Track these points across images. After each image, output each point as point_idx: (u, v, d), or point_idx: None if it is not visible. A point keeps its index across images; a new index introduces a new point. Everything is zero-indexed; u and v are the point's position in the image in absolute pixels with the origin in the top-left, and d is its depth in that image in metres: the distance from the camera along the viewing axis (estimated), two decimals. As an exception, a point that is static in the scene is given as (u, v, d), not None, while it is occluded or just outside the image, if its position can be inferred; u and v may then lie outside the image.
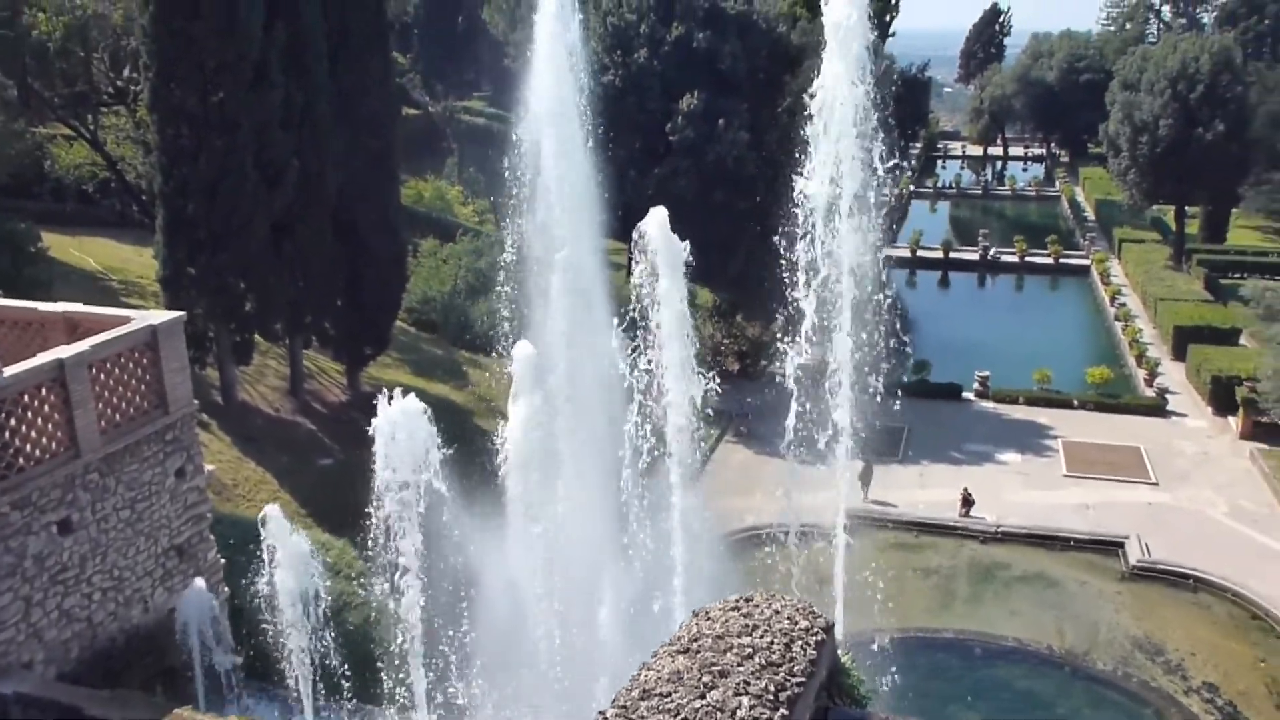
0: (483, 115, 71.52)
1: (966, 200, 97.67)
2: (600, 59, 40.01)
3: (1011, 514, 33.21)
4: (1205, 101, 57.57)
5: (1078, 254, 70.69)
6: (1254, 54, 76.93)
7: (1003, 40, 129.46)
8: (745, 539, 30.70)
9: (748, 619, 7.85)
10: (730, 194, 39.21)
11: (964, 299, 67.88)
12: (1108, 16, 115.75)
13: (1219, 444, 38.84)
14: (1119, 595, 29.33)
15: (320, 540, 24.02)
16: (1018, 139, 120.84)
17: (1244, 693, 25.08)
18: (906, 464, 37.00)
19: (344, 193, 32.55)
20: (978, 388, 43.67)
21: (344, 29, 31.97)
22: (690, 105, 38.98)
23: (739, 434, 38.47)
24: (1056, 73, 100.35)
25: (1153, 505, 33.93)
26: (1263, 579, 29.11)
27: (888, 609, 26.93)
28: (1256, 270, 59.32)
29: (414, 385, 34.28)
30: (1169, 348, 48.12)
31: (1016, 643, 27.39)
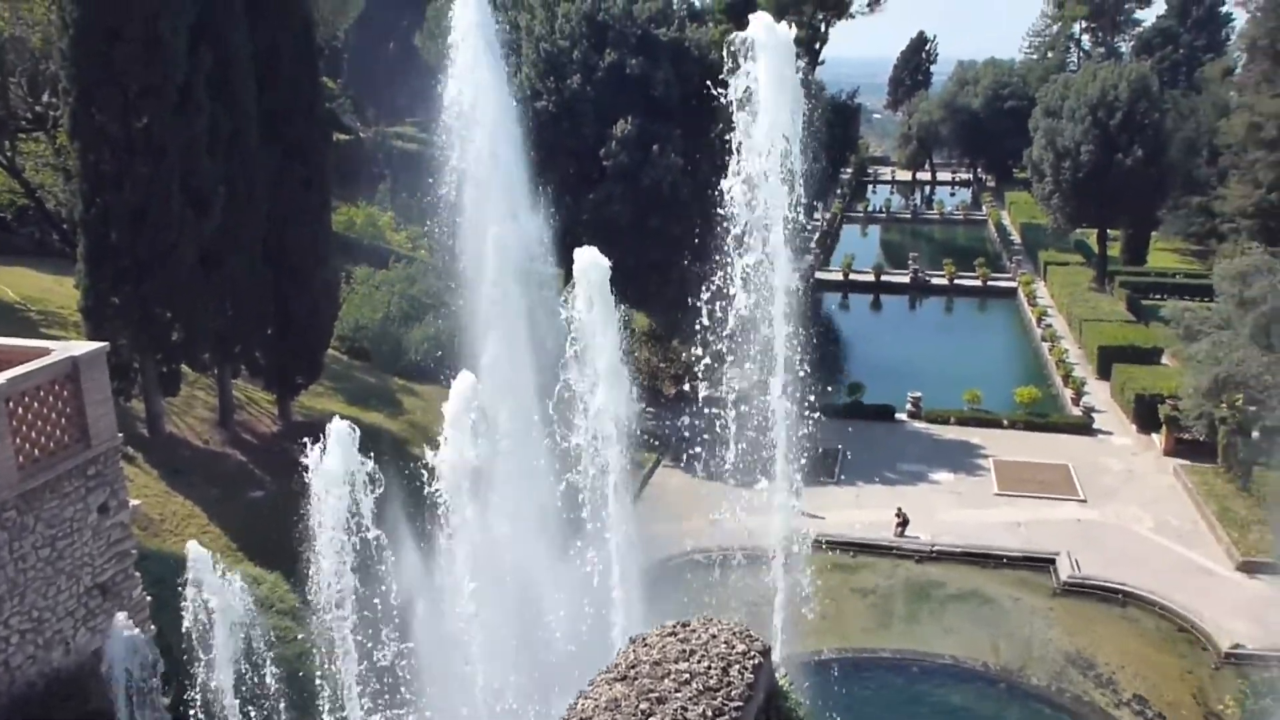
0: (415, 141, 71.07)
1: (896, 224, 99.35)
2: (533, 85, 40.06)
3: (946, 533, 33.62)
4: (1124, 128, 59.36)
5: (1005, 276, 72.17)
6: (1169, 82, 79.55)
7: (929, 68, 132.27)
8: (685, 563, 30.66)
9: (685, 644, 7.80)
10: (665, 218, 39.40)
11: (895, 321, 68.88)
12: (1030, 45, 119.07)
13: (1144, 461, 39.77)
14: (1051, 611, 29.80)
15: (252, 574, 23.49)
16: (945, 164, 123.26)
17: (1172, 704, 25.60)
18: (842, 485, 37.33)
19: (274, 219, 32.04)
20: (910, 408, 44.25)
21: (272, 52, 31.57)
22: (624, 130, 39.14)
23: (677, 458, 38.50)
24: (981, 100, 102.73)
25: (1082, 522, 34.58)
26: (1188, 592, 29.80)
27: (826, 630, 27.13)
28: (1176, 291, 61.05)
29: (348, 414, 33.70)
30: (1094, 367, 49.25)
31: (953, 660, 27.71)
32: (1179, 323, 39.34)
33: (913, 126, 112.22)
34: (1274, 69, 60.54)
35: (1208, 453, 37.87)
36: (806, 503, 34.35)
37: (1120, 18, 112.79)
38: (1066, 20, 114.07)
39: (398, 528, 18.57)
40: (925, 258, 75.40)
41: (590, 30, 40.39)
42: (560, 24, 40.58)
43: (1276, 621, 27.79)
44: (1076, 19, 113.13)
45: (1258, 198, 58.84)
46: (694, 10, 50.24)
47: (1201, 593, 29.82)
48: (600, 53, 40.08)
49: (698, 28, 44.39)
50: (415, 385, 40.11)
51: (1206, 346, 35.76)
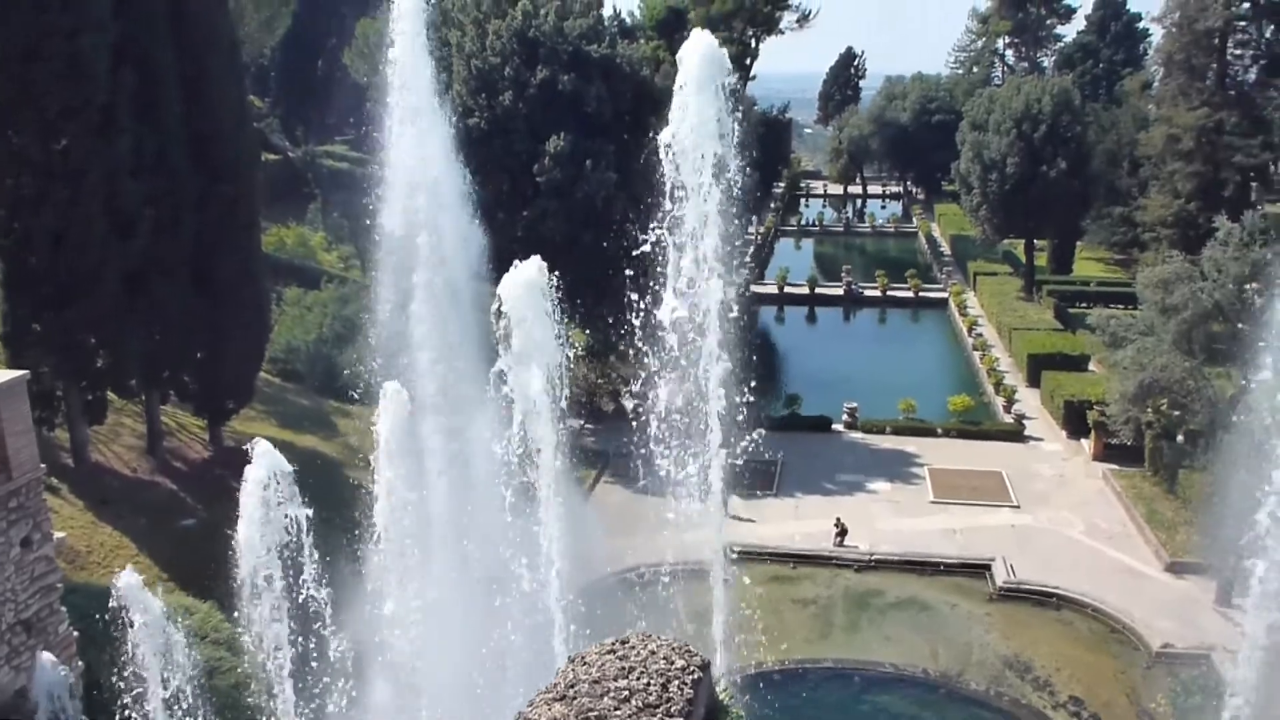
0: (346, 160, 70.37)
1: (829, 237, 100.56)
2: (464, 102, 39.87)
3: (884, 542, 33.97)
4: (1048, 141, 60.76)
5: (936, 287, 73.35)
6: (1090, 95, 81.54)
7: (858, 83, 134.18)
8: (626, 579, 30.57)
9: (624, 661, 7.75)
10: (600, 234, 39.39)
11: (830, 333, 69.63)
12: (956, 60, 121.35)
13: (1074, 466, 40.59)
14: (988, 616, 30.24)
15: (184, 604, 22.93)
16: (876, 177, 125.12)
17: (1107, 704, 26.09)
18: (781, 497, 37.55)
19: (201, 241, 31.44)
20: (847, 419, 44.68)
21: (198, 72, 31.03)
22: (557, 147, 39.11)
23: (617, 473, 38.42)
24: (910, 114, 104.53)
25: (1016, 527, 35.18)
26: (1119, 594, 30.44)
27: (768, 641, 27.19)
28: (1101, 299, 62.57)
29: (281, 438, 33.22)
30: (1024, 375, 50.19)
31: (893, 668, 27.96)
32: (1104, 330, 40.16)
33: (843, 141, 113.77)
34: (1189, 83, 62.43)
35: (1135, 457, 38.75)
36: (746, 515, 34.79)
37: (1042, 33, 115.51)
38: (991, 36, 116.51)
39: (334, 554, 18.25)
40: (858, 270, 76.38)
41: (521, 47, 40.34)
42: (491, 41, 40.48)
43: (1204, 620, 28.48)
44: (1000, 34, 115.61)
45: (1177, 207, 60.54)
46: (625, 27, 50.46)
47: (1132, 594, 30.47)
48: (532, 69, 40.05)
49: (629, 44, 44.58)
50: (350, 407, 39.55)
51: (1131, 353, 36.54)
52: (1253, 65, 63.39)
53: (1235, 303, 33.00)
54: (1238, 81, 63.21)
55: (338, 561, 18.29)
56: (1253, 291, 31.95)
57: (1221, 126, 59.71)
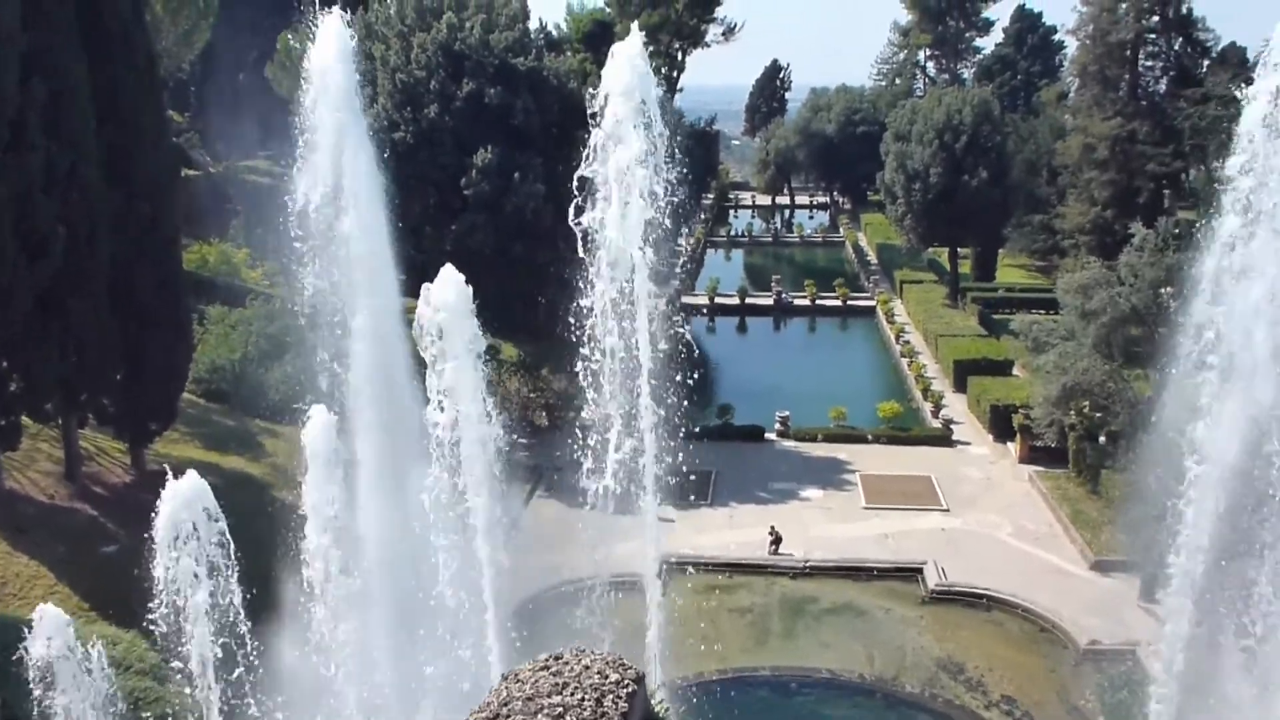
0: (269, 175, 69.11)
1: (759, 247, 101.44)
2: (390, 116, 39.55)
3: (818, 548, 34.21)
4: (969, 151, 62.04)
5: (864, 296, 74.32)
6: (1009, 106, 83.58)
7: (784, 95, 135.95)
8: (561, 594, 30.28)
9: (558, 677, 7.65)
10: (529, 246, 39.33)
11: (761, 343, 70.15)
12: (879, 72, 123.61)
13: (1001, 469, 41.34)
14: (921, 619, 30.59)
15: (107, 634, 22.24)
16: (803, 188, 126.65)
17: (1039, 702, 26.53)
18: (716, 507, 37.62)
19: (119, 260, 30.57)
20: (779, 428, 44.99)
21: (112, 86, 30.23)
22: (485, 160, 38.97)
23: (550, 488, 38.19)
24: (835, 125, 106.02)
25: (946, 531, 35.68)
26: (1048, 594, 31.00)
27: (705, 651, 27.20)
28: (1023, 305, 63.88)
29: (206, 460, 32.49)
30: (951, 381, 51.00)
31: (830, 674, 28.10)
32: (1027, 335, 41.02)
33: (770, 152, 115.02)
34: (1103, 94, 64.33)
35: (1059, 459, 39.55)
36: (681, 526, 34.76)
37: (962, 46, 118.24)
38: (912, 48, 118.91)
39: (262, 575, 17.85)
40: (787, 280, 77.09)
41: (447, 60, 40.16)
42: (416, 54, 40.23)
43: (1129, 617, 29.13)
44: (921, 47, 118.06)
45: (1094, 214, 62.30)
46: (551, 39, 50.57)
47: (1060, 593, 31.06)
48: (458, 82, 39.89)
49: (555, 57, 44.62)
50: (277, 427, 38.77)
51: (1054, 357, 37.37)
52: (1163, 76, 65.59)
53: (1151, 307, 33.93)
54: (1149, 92, 65.32)
55: (266, 584, 17.87)
56: (1168, 295, 32.87)
57: (1135, 136, 61.56)
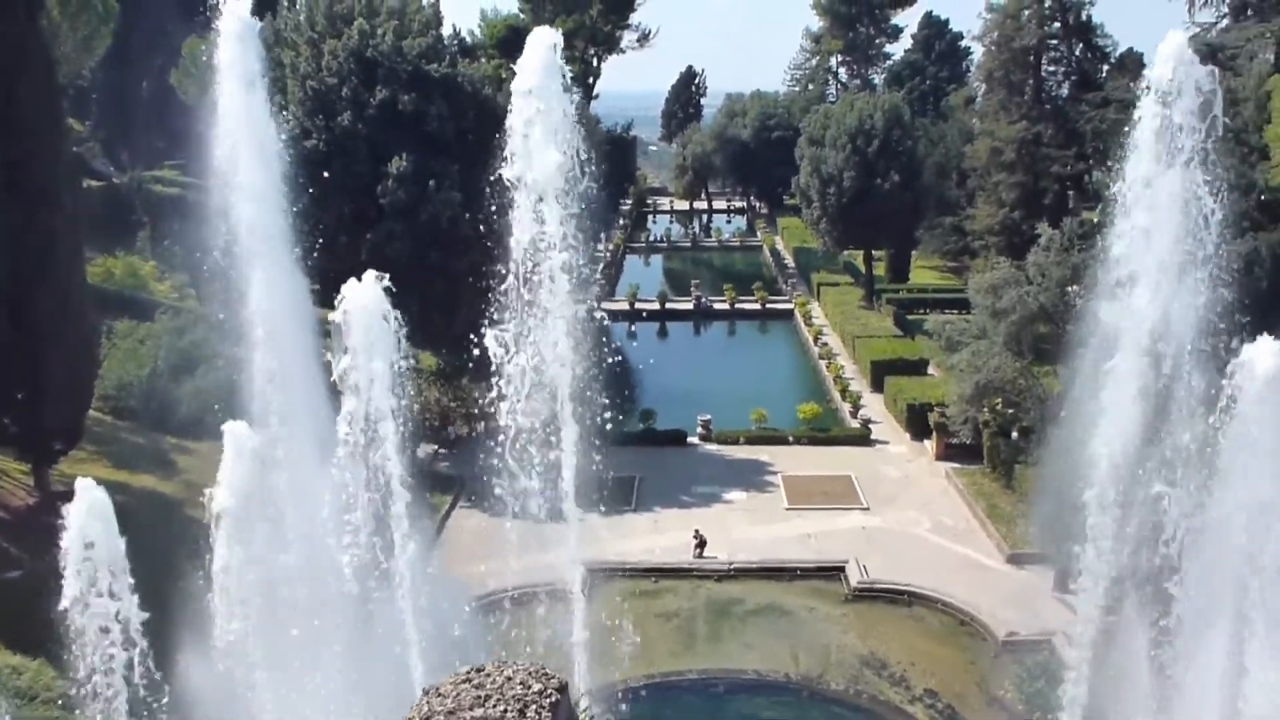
0: (176, 185, 67.39)
1: (678, 253, 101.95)
2: (301, 123, 38.80)
3: (742, 550, 34.42)
4: (881, 155, 63.16)
5: (782, 299, 75.13)
6: (919, 111, 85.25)
7: (700, 100, 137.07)
8: (486, 605, 29.99)
9: (480, 689, 7.55)
10: (446, 255, 38.88)
11: (682, 347, 70.46)
12: (792, 78, 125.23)
13: (918, 467, 42.08)
14: (844, 617, 30.96)
15: (11, 664, 21.41)
16: (720, 193, 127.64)
17: (960, 695, 27.04)
18: (640, 512, 37.62)
19: (18, 275, 29.51)
20: (701, 431, 45.21)
21: (8, 95, 29.20)
22: (399, 167, 38.44)
23: (473, 498, 37.81)
24: (750, 130, 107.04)
25: (866, 529, 36.18)
26: (966, 588, 31.62)
27: (632, 657, 27.14)
28: (937, 306, 65.20)
29: (114, 479, 31.45)
30: (868, 381, 51.77)
31: (756, 674, 28.29)
32: (940, 335, 41.87)
33: (687, 157, 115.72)
34: (1009, 98, 65.99)
35: (974, 455, 40.38)
36: (606, 532, 34.63)
37: (872, 52, 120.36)
38: (824, 54, 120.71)
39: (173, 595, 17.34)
40: (706, 284, 77.62)
41: (359, 67, 39.53)
42: (327, 61, 39.53)
43: (1044, 608, 29.84)
44: (833, 53, 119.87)
45: (1002, 216, 63.83)
46: (465, 46, 50.20)
47: (977, 587, 31.70)
48: (371, 89, 39.29)
49: (470, 63, 44.28)
50: (190, 443, 37.77)
51: (966, 356, 38.20)
52: (1065, 81, 67.51)
53: (1059, 305, 34.90)
54: (1052, 97, 67.16)
55: (176, 604, 17.35)
56: (1074, 293, 33.82)
57: (1040, 139, 63.26)
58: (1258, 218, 36.22)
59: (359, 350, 16.66)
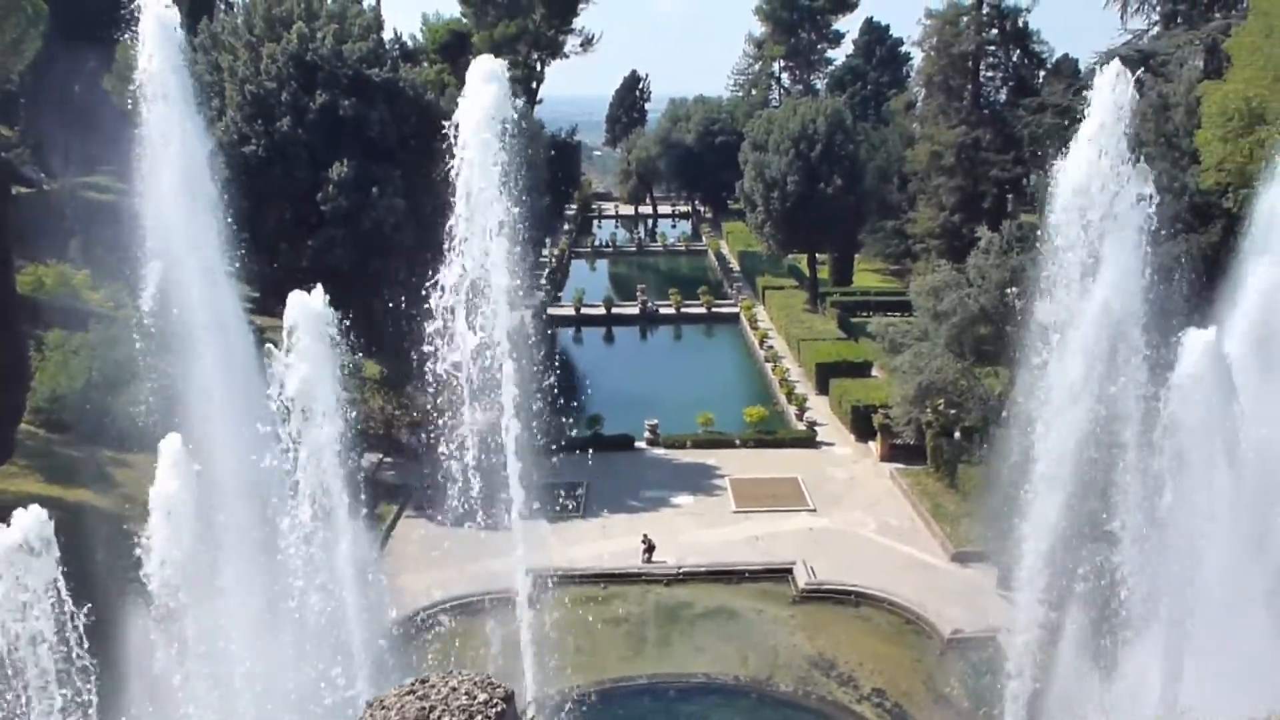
0: (110, 191, 65.91)
1: (623, 257, 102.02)
2: (240, 128, 38.23)
3: (690, 554, 34.45)
4: (824, 159, 63.69)
5: (727, 303, 75.45)
6: (861, 116, 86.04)
7: (644, 105, 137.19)
8: (433, 615, 29.74)
9: (424, 701, 7.44)
10: (389, 261, 38.53)
11: (628, 352, 70.47)
12: (735, 83, 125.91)
13: (863, 468, 42.46)
14: (792, 618, 31.11)
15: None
16: (665, 198, 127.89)
17: (907, 693, 27.29)
18: (589, 517, 37.54)
19: (-56, 284, 28.75)
20: (649, 436, 45.20)
21: (-68, 100, 28.45)
22: (340, 173, 38.02)
23: (419, 507, 37.45)
24: (694, 135, 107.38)
25: (813, 530, 36.41)
26: (912, 587, 31.94)
27: (582, 664, 27.07)
28: (880, 308, 65.84)
29: (48, 494, 30.73)
30: (813, 383, 52.18)
31: (706, 678, 28.33)
32: (884, 337, 42.26)
33: (632, 162, 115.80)
34: (948, 103, 66.92)
35: (918, 455, 40.88)
36: (554, 539, 34.51)
37: (814, 57, 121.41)
38: (766, 59, 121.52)
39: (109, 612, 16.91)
40: (653, 289, 77.69)
41: (299, 71, 39.05)
42: (266, 65, 39.00)
43: (988, 605, 30.21)
44: (775, 58, 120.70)
45: (942, 219, 64.68)
46: (407, 50, 49.80)
47: (923, 586, 32.03)
48: (311, 94, 38.83)
49: (412, 68, 43.95)
50: (127, 456, 36.96)
51: (909, 358, 38.60)
52: (1003, 86, 68.63)
53: (999, 306, 35.41)
54: (990, 102, 68.22)
55: (113, 620, 16.93)
56: (1013, 295, 34.34)
57: (979, 143, 64.20)
58: (1189, 219, 37.07)
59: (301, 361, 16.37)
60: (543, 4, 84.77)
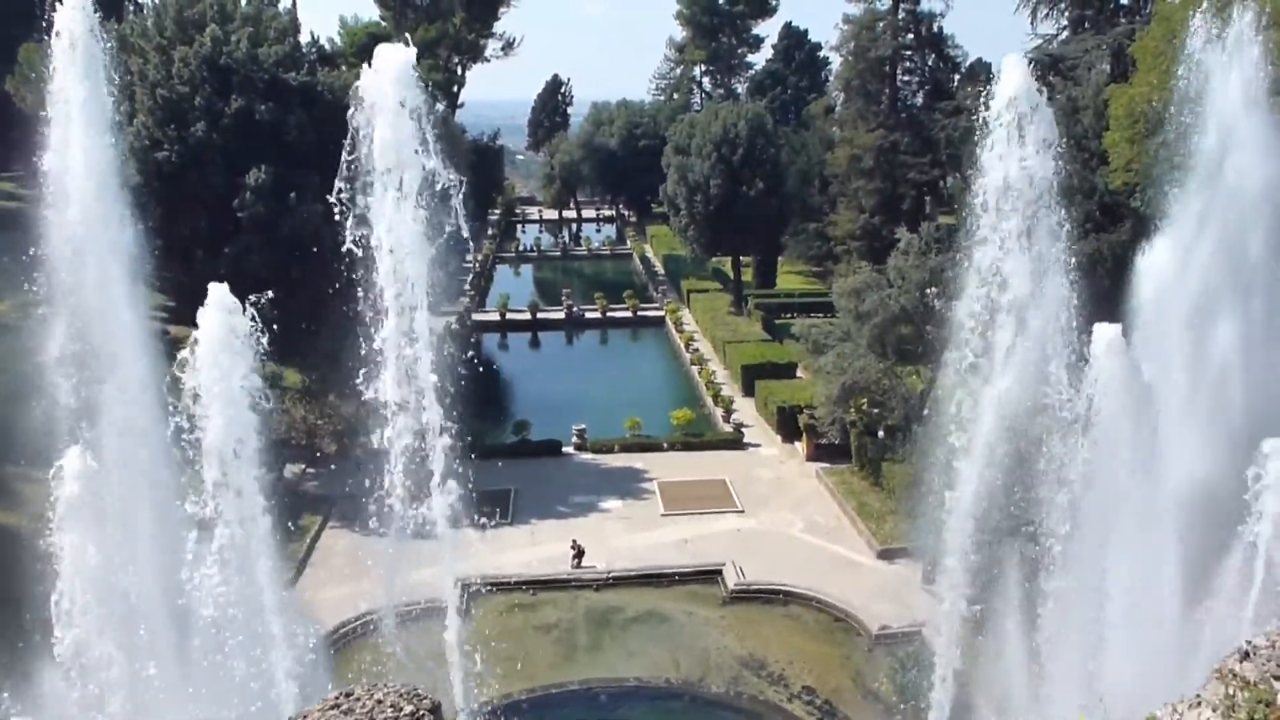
0: (14, 198, 63.82)
1: (548, 262, 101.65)
2: (152, 134, 37.20)
3: (620, 558, 34.43)
4: (746, 163, 64.27)
5: (653, 306, 75.62)
6: (781, 120, 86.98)
7: (566, 109, 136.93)
8: (358, 627, 29.29)
9: (348, 715, 7.29)
10: (308, 269, 37.76)
11: (555, 357, 70.23)
12: (657, 87, 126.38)
13: (790, 468, 42.87)
14: (722, 620, 31.27)
15: None
16: (589, 202, 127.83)
17: (836, 690, 27.60)
18: (517, 525, 37.27)
19: None
20: (576, 441, 45.09)
21: None
22: (258, 179, 37.18)
23: (344, 518, 36.84)
24: (617, 139, 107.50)
25: (741, 531, 36.64)
26: (839, 585, 32.33)
27: (513, 671, 26.87)
28: (803, 310, 66.64)
29: (-50, 512, 29.54)
30: (739, 385, 52.53)
31: (638, 682, 28.32)
32: (807, 338, 42.72)
33: (555, 166, 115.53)
34: (866, 107, 67.94)
35: (843, 454, 41.42)
36: (482, 546, 34.27)
37: (734, 61, 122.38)
38: (688, 64, 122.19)
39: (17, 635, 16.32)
40: (578, 293, 77.56)
41: (213, 75, 38.09)
42: (178, 68, 37.98)
43: (913, 600, 30.70)
44: (696, 63, 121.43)
45: (863, 221, 65.60)
46: (325, 54, 48.97)
47: (850, 583, 32.44)
48: (225, 98, 37.90)
49: (330, 71, 43.19)
50: (35, 471, 35.71)
51: (832, 358, 39.08)
52: (919, 90, 69.88)
53: (919, 306, 36.02)
54: (907, 105, 69.42)
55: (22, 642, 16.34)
56: (932, 296, 34.98)
57: (897, 146, 65.28)
58: (1100, 219, 38.14)
59: (215, 371, 15.97)
60: (463, 7, 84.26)
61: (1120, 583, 19.00)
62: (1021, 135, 18.79)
